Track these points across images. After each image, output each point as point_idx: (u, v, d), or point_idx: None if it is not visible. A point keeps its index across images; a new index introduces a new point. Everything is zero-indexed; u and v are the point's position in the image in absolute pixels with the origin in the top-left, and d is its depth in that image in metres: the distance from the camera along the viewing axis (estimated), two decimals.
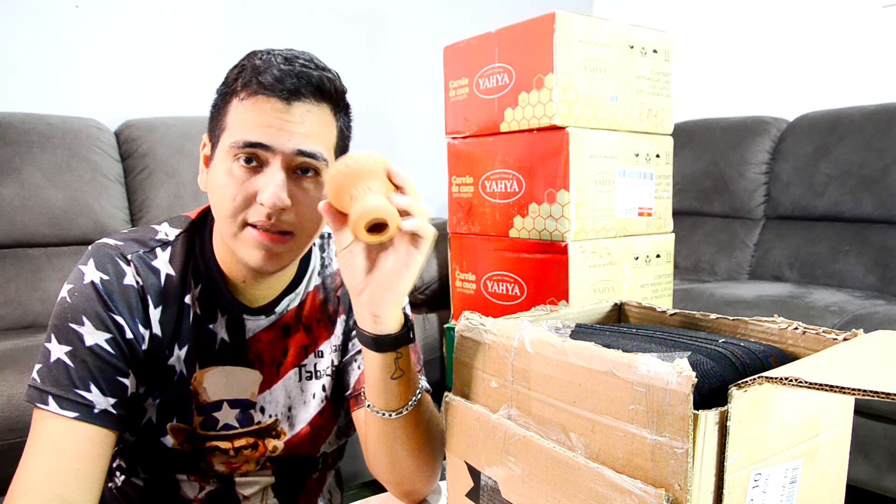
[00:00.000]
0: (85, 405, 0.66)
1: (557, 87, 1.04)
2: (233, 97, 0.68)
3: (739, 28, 2.65)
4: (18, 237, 1.69)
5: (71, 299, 0.68)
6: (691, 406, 0.38)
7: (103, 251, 0.71)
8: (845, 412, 0.49)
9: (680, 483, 0.39)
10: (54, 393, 0.65)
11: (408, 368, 0.65)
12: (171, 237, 0.75)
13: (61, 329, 0.67)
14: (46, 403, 0.65)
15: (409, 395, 0.66)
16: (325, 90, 0.68)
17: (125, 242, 0.72)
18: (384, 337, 0.62)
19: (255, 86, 0.65)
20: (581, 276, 1.05)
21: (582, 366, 0.46)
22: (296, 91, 0.65)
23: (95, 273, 0.69)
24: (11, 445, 1.19)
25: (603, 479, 0.43)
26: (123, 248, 0.71)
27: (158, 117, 1.98)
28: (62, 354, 0.67)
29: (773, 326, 0.55)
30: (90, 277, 0.68)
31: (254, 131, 0.65)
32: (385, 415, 0.66)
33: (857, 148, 2.05)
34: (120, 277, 0.69)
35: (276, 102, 0.65)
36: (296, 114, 0.65)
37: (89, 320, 0.67)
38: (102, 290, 0.68)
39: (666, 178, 1.20)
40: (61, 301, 0.68)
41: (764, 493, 0.43)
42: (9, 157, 1.68)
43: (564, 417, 0.47)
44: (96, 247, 0.71)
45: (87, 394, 0.66)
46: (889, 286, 1.90)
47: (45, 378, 0.66)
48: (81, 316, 0.67)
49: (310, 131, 0.66)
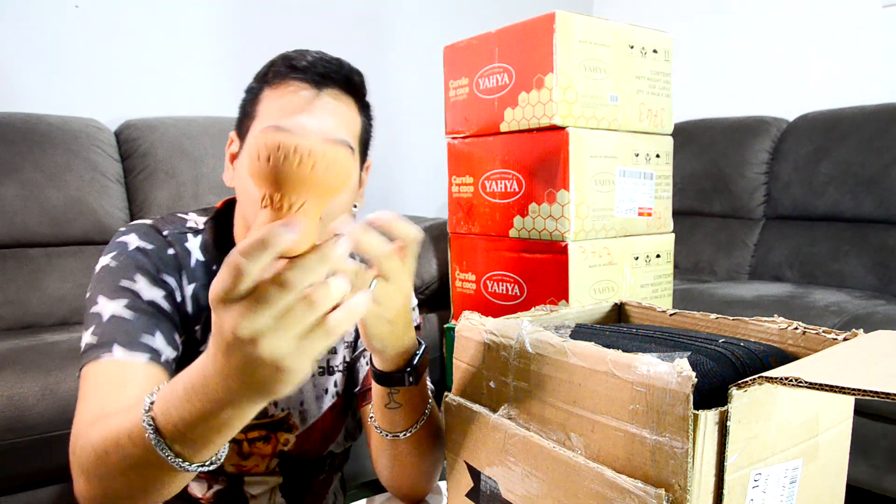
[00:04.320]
0: (154, 350, 0.63)
1: (557, 87, 1.04)
2: (263, 87, 0.69)
3: (739, 28, 2.65)
4: (18, 237, 1.68)
5: (117, 262, 0.66)
6: (691, 406, 0.38)
7: (141, 227, 0.71)
8: (845, 412, 0.49)
9: (680, 483, 0.39)
10: (120, 340, 0.61)
11: (408, 401, 0.62)
12: (200, 225, 0.76)
13: (111, 288, 0.65)
14: (111, 351, 0.61)
15: (410, 421, 0.64)
16: (354, 83, 0.69)
17: (160, 223, 0.73)
18: (380, 373, 0.61)
19: (286, 70, 0.66)
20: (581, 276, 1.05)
21: (582, 366, 0.45)
22: (326, 76, 0.66)
23: (139, 241, 0.69)
24: (11, 445, 1.19)
25: (603, 479, 0.43)
26: (160, 226, 0.72)
27: (158, 117, 1.98)
28: (119, 309, 0.64)
29: (773, 326, 0.55)
30: (134, 245, 0.68)
31: (284, 118, 0.65)
32: (388, 435, 0.65)
33: (857, 148, 2.05)
34: (163, 247, 0.70)
35: (306, 90, 0.66)
36: (325, 101, 0.66)
37: (143, 277, 0.66)
38: (151, 253, 0.68)
39: (666, 178, 1.20)
40: (104, 268, 0.66)
41: (764, 493, 0.43)
42: (9, 157, 1.68)
43: (564, 417, 0.47)
44: (132, 225, 0.72)
45: (153, 340, 0.63)
46: (889, 286, 1.90)
47: (104, 333, 0.62)
48: (134, 274, 0.66)
49: (338, 120, 0.67)
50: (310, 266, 0.37)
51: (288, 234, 0.35)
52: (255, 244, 0.35)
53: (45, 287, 1.68)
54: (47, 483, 1.28)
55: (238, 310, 0.36)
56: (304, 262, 0.37)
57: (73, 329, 1.57)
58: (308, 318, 0.37)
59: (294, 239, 0.36)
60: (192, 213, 0.77)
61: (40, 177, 1.71)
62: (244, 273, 0.35)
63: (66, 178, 1.75)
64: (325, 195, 0.38)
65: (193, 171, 1.93)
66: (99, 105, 2.01)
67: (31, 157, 1.71)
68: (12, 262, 1.67)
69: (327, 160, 0.37)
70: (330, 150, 0.37)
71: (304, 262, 0.37)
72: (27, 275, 1.67)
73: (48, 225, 1.72)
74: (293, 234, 0.36)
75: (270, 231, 0.35)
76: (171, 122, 1.97)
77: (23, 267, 1.68)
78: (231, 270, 0.36)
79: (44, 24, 1.93)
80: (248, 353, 0.37)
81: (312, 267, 0.37)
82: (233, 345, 0.37)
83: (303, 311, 0.37)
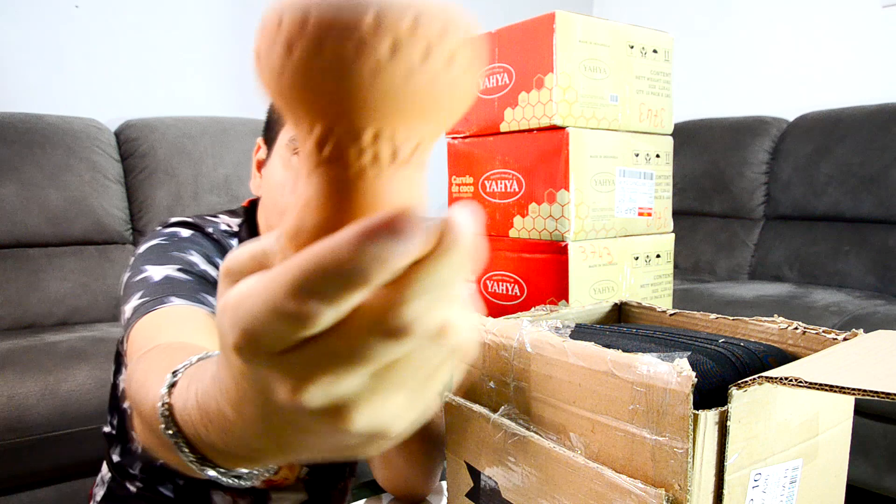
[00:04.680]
0: (213, 307, 0.57)
1: (557, 87, 1.04)
2: None
3: (739, 28, 2.65)
4: (18, 237, 1.69)
5: (168, 240, 0.64)
6: (691, 406, 0.38)
7: (184, 223, 0.69)
8: (845, 412, 0.49)
9: (680, 483, 0.39)
10: (176, 294, 0.55)
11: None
12: (235, 228, 0.74)
13: (162, 257, 0.61)
14: (166, 301, 0.54)
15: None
16: None
17: (200, 222, 0.71)
18: None
19: None
20: (581, 276, 1.05)
21: (582, 366, 0.45)
22: None
23: (189, 232, 0.67)
24: (11, 445, 1.19)
25: (603, 479, 0.43)
26: (202, 224, 0.70)
27: (158, 117, 1.98)
28: (172, 272, 0.59)
29: (773, 326, 0.55)
30: (187, 234, 0.67)
31: None
32: None
33: (857, 148, 2.05)
34: (212, 242, 0.69)
35: None
36: None
37: (197, 254, 0.64)
38: (203, 242, 0.67)
39: (666, 178, 1.20)
40: (150, 247, 0.63)
41: (764, 493, 0.43)
42: (9, 157, 1.68)
43: (564, 417, 0.47)
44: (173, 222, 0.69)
45: (212, 300, 0.59)
46: (889, 286, 1.89)
47: (156, 292, 0.56)
48: (188, 249, 0.63)
49: None
50: (440, 283, 0.18)
51: (412, 240, 0.17)
52: (329, 267, 0.17)
53: (45, 287, 1.68)
54: (47, 483, 1.28)
55: (301, 366, 0.19)
56: (429, 278, 0.18)
57: (73, 329, 1.57)
58: (433, 361, 0.21)
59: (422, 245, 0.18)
60: (222, 216, 0.75)
61: (40, 177, 1.71)
62: (313, 316, 0.18)
63: (66, 178, 1.75)
64: (446, 119, 0.21)
65: (193, 171, 1.93)
66: (99, 105, 2.01)
67: (31, 157, 1.71)
68: (12, 262, 1.67)
69: (462, 35, 0.19)
70: (457, 13, 0.19)
71: (429, 280, 0.18)
72: (27, 275, 1.67)
73: (48, 225, 1.72)
74: (419, 238, 0.17)
75: (369, 237, 0.17)
76: (171, 122, 1.97)
77: (23, 267, 1.68)
78: (281, 313, 0.18)
79: (44, 24, 1.93)
80: (321, 427, 0.21)
81: (445, 284, 0.19)
82: (290, 413, 0.21)
83: (426, 354, 0.20)
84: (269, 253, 0.22)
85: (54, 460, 1.23)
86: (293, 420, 0.21)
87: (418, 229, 0.17)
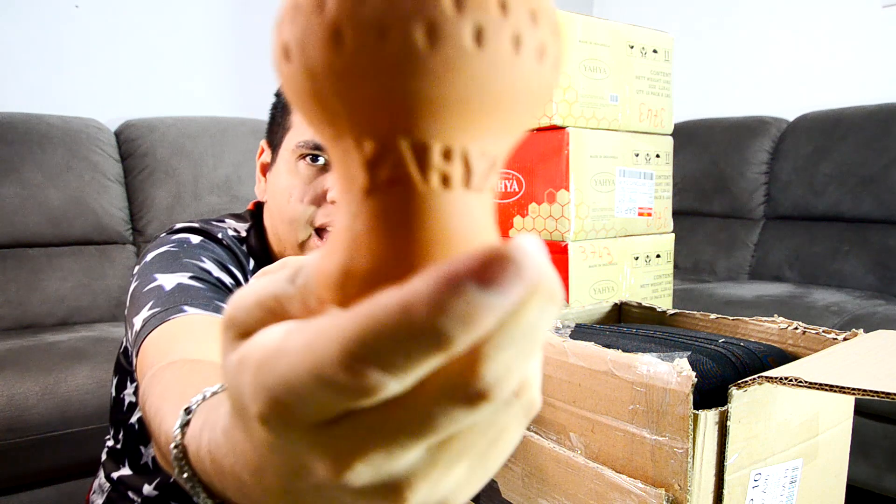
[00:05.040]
0: None
1: (557, 87, 1.04)
2: None
3: (739, 28, 2.65)
4: (18, 237, 1.69)
5: (177, 247, 0.61)
6: (691, 406, 0.38)
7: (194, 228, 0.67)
8: (845, 412, 0.49)
9: (680, 483, 0.39)
10: (190, 302, 0.52)
11: None
12: (243, 233, 0.72)
13: (173, 264, 0.58)
14: (181, 311, 0.51)
15: None
16: None
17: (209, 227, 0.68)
18: None
19: None
20: (581, 276, 1.05)
21: (582, 366, 0.45)
22: None
23: (197, 237, 0.65)
24: (11, 445, 1.19)
25: (603, 479, 0.43)
26: (211, 230, 0.68)
27: (158, 117, 1.98)
28: (185, 280, 0.56)
29: (773, 326, 0.55)
30: (198, 240, 0.65)
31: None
32: None
33: (857, 148, 2.05)
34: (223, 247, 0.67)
35: None
36: None
37: (210, 261, 0.62)
38: (214, 249, 0.65)
39: (666, 178, 1.20)
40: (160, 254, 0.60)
41: (764, 493, 0.43)
42: (9, 157, 1.68)
43: (564, 417, 0.47)
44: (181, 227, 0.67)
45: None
46: (889, 286, 1.89)
47: (168, 301, 0.53)
48: (201, 255, 0.61)
49: None
50: (526, 334, 0.15)
51: (510, 291, 0.13)
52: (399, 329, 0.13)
53: (45, 287, 1.68)
54: (47, 483, 1.28)
55: (348, 440, 0.16)
56: (515, 329, 0.14)
57: (73, 329, 1.57)
58: (503, 424, 0.18)
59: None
60: (228, 220, 0.73)
61: (40, 177, 1.71)
62: (372, 390, 0.14)
63: (66, 178, 1.75)
64: (526, 127, 0.17)
65: (193, 171, 1.93)
66: (99, 105, 2.01)
67: (31, 157, 1.71)
68: (12, 262, 1.67)
69: (552, 20, 0.16)
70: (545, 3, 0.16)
71: (515, 332, 0.14)
72: (27, 275, 1.67)
73: (48, 225, 1.72)
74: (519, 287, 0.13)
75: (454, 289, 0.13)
76: (171, 122, 1.97)
77: (23, 267, 1.68)
78: (329, 383, 0.14)
79: (44, 24, 1.93)
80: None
81: (531, 335, 0.15)
82: (328, 490, 0.17)
83: (497, 418, 0.17)
84: (282, 301, 0.18)
85: (54, 460, 1.23)
86: (330, 498, 0.17)
87: (517, 274, 0.13)
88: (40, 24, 1.92)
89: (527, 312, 0.14)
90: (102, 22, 2.02)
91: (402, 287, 0.13)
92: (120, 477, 0.73)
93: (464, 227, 0.15)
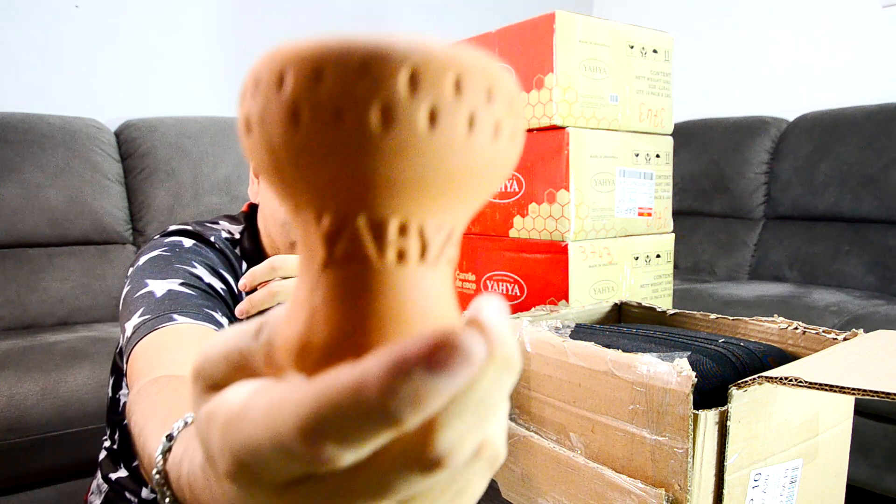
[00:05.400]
0: (220, 325, 0.56)
1: (557, 87, 1.04)
2: None
3: (739, 28, 2.65)
4: (18, 237, 1.69)
5: (169, 251, 0.62)
6: (691, 406, 0.38)
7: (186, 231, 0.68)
8: (845, 412, 0.49)
9: (680, 483, 0.39)
10: (179, 311, 0.53)
11: None
12: (236, 235, 0.74)
13: (164, 271, 0.59)
14: (170, 320, 0.52)
15: None
16: None
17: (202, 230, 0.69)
18: None
19: None
20: (581, 276, 1.05)
21: (582, 366, 0.45)
22: None
23: (190, 241, 0.66)
24: (11, 445, 1.19)
25: (603, 478, 0.43)
26: (204, 232, 0.69)
27: (158, 117, 1.98)
28: (175, 286, 0.57)
29: (773, 326, 0.55)
30: (190, 243, 0.66)
31: None
32: None
33: (857, 148, 2.05)
34: (215, 251, 0.68)
35: None
36: None
37: (202, 266, 0.62)
38: (207, 253, 0.66)
39: (666, 178, 1.20)
40: (152, 258, 0.61)
41: (764, 493, 0.43)
42: (9, 157, 1.68)
43: (564, 417, 0.47)
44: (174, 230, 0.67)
45: (218, 316, 0.57)
46: (889, 286, 1.90)
47: (158, 309, 0.53)
48: (192, 260, 0.62)
49: None
50: (481, 403, 0.15)
51: (458, 374, 0.14)
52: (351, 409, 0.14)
53: (45, 287, 1.68)
54: (47, 483, 1.28)
55: (311, 499, 0.16)
56: (469, 399, 0.15)
57: (73, 329, 1.57)
58: (465, 480, 0.18)
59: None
60: (222, 222, 0.75)
61: (40, 177, 1.71)
62: (327, 461, 0.15)
63: (66, 178, 1.75)
64: (482, 201, 0.17)
65: (193, 171, 1.93)
66: (99, 105, 2.01)
67: (31, 157, 1.71)
68: (12, 262, 1.67)
69: (507, 98, 0.16)
70: (500, 71, 0.16)
71: (469, 401, 0.15)
72: (27, 275, 1.67)
73: (48, 225, 1.72)
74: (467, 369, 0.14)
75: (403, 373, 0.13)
76: (171, 122, 1.97)
77: (23, 267, 1.68)
78: (288, 453, 0.15)
79: (44, 24, 1.93)
80: None
81: (487, 403, 0.15)
82: None
83: (458, 477, 0.18)
84: (247, 355, 0.18)
85: (54, 460, 1.23)
86: None
87: (464, 358, 0.13)
88: (40, 24, 1.92)
89: (479, 387, 0.14)
90: (102, 22, 2.02)
91: (355, 365, 0.14)
92: (118, 479, 0.73)
93: (419, 302, 0.16)
